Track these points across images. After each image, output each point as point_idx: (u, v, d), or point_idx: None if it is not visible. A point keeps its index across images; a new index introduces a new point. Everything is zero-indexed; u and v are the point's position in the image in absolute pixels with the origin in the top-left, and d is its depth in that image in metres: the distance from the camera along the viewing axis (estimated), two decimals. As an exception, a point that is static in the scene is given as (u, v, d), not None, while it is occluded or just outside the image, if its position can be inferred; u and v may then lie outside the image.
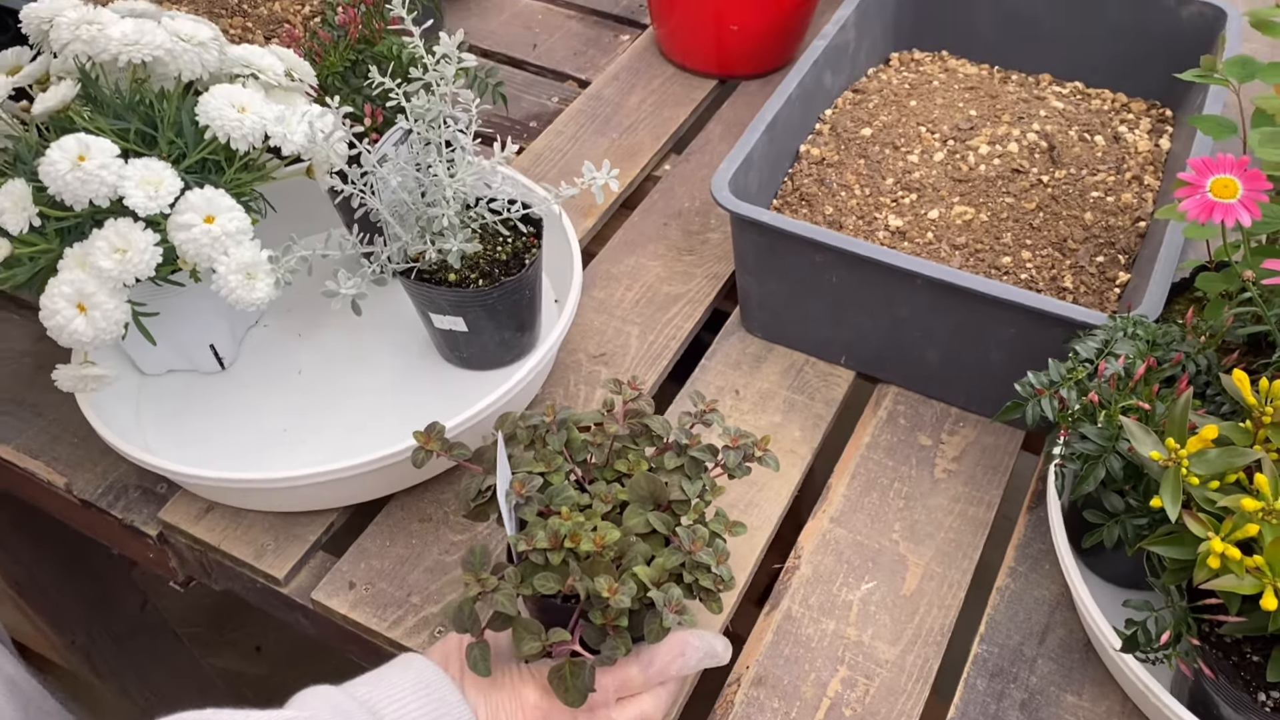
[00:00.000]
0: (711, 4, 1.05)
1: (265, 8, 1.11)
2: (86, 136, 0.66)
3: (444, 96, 0.71)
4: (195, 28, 0.73)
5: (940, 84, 0.98)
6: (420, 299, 0.77)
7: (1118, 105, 0.99)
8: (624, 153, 1.03)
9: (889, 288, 0.75)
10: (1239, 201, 0.57)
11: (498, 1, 1.24)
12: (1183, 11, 0.96)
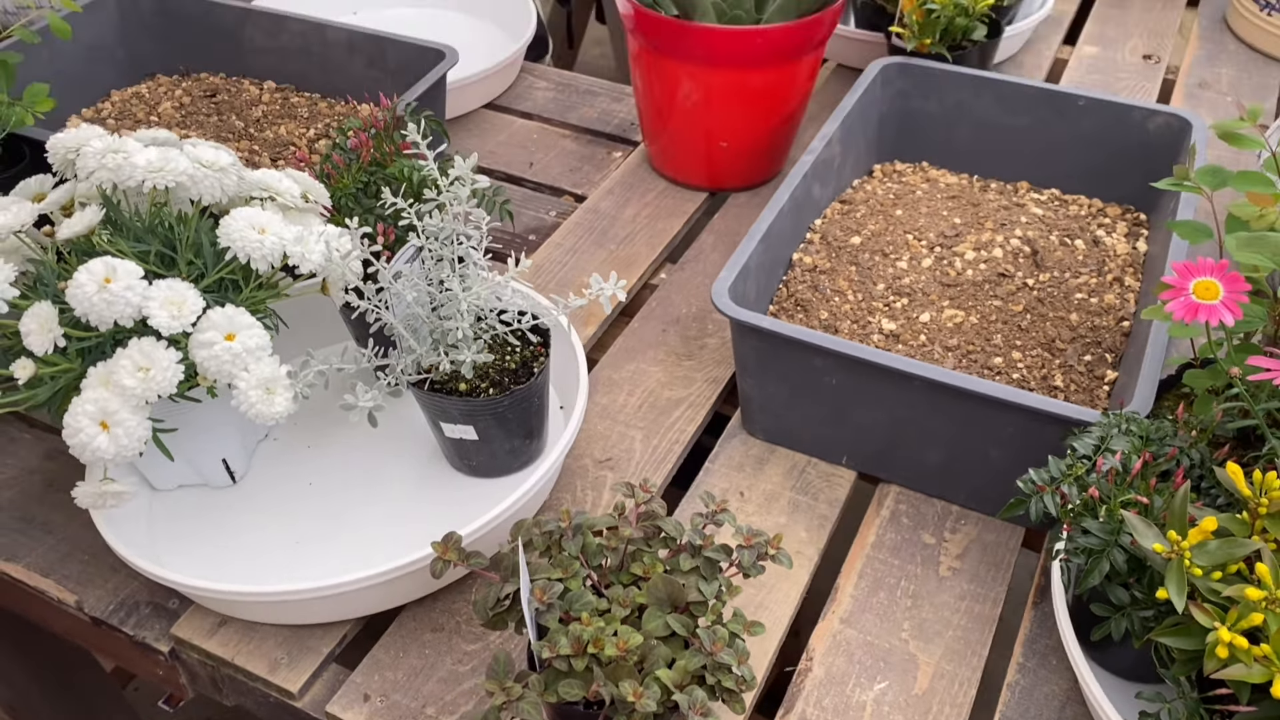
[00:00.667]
0: (702, 122, 1.10)
1: (271, 131, 1.15)
2: (113, 259, 0.68)
3: (456, 215, 0.74)
4: (215, 154, 0.76)
5: (924, 193, 1.03)
6: (432, 409, 0.79)
7: (1094, 210, 1.03)
8: (622, 263, 1.07)
9: (887, 389, 0.77)
10: (1221, 302, 0.60)
11: (495, 123, 1.29)
12: (1150, 123, 1.01)
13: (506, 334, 0.79)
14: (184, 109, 1.18)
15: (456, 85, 1.21)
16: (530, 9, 1.38)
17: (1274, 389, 0.62)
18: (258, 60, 1.23)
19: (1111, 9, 1.50)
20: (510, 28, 1.41)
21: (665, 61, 1.07)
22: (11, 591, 0.81)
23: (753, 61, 1.05)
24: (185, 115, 1.17)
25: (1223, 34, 1.44)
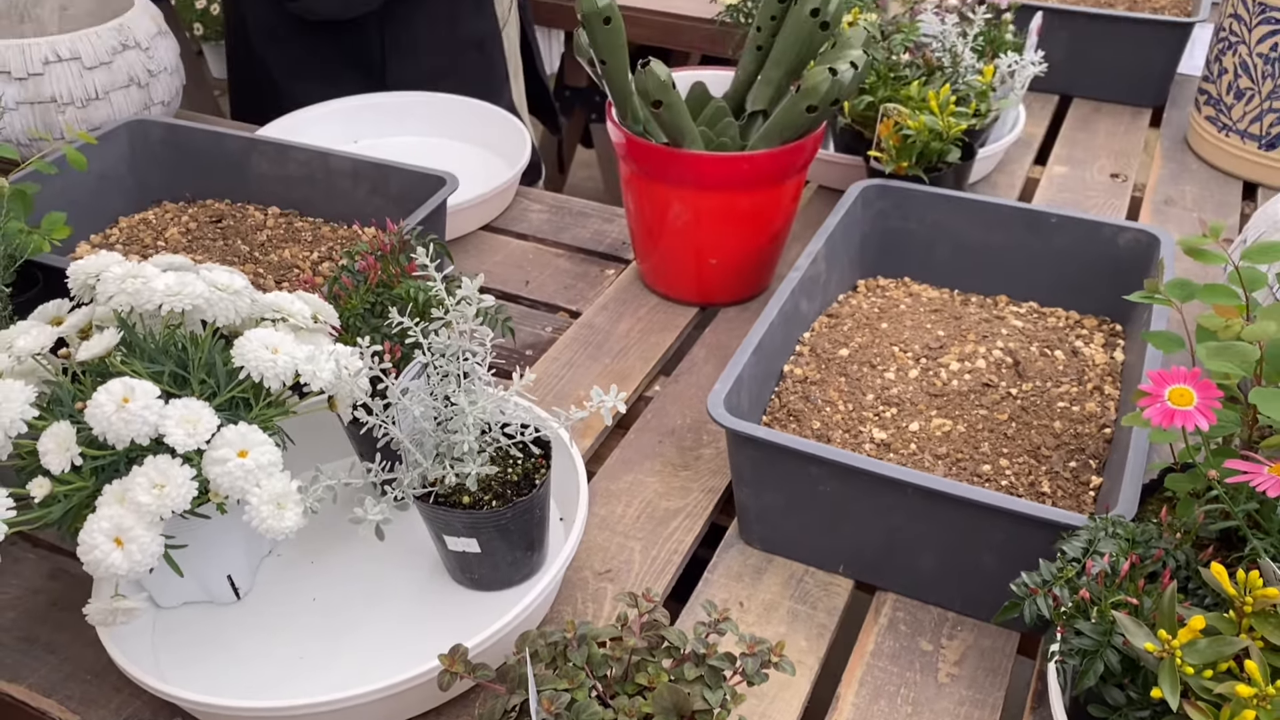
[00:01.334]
0: (692, 241, 1.15)
1: (275, 255, 1.19)
2: (131, 380, 0.70)
3: (462, 332, 0.77)
4: (230, 278, 0.79)
5: (907, 307, 1.07)
6: (436, 522, 0.81)
7: (1072, 322, 1.07)
8: (617, 376, 1.09)
9: (881, 497, 0.79)
10: (1195, 408, 0.63)
11: (492, 243, 1.33)
12: (1120, 239, 1.06)
13: (510, 446, 0.82)
14: (190, 234, 1.22)
15: (455, 209, 1.26)
16: (525, 137, 1.44)
17: (1252, 491, 0.65)
18: (263, 187, 1.28)
19: (1078, 131, 1.57)
20: (506, 155, 1.47)
21: (656, 185, 1.12)
22: (14, 713, 0.81)
23: (740, 185, 1.10)
24: (192, 240, 1.21)
25: (1184, 153, 1.51)
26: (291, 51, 1.64)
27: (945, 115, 1.18)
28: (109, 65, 1.37)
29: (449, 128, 1.53)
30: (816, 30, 1.13)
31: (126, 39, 1.39)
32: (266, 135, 1.36)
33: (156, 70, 1.43)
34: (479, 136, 1.52)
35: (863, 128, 1.31)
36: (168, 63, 1.46)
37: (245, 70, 1.71)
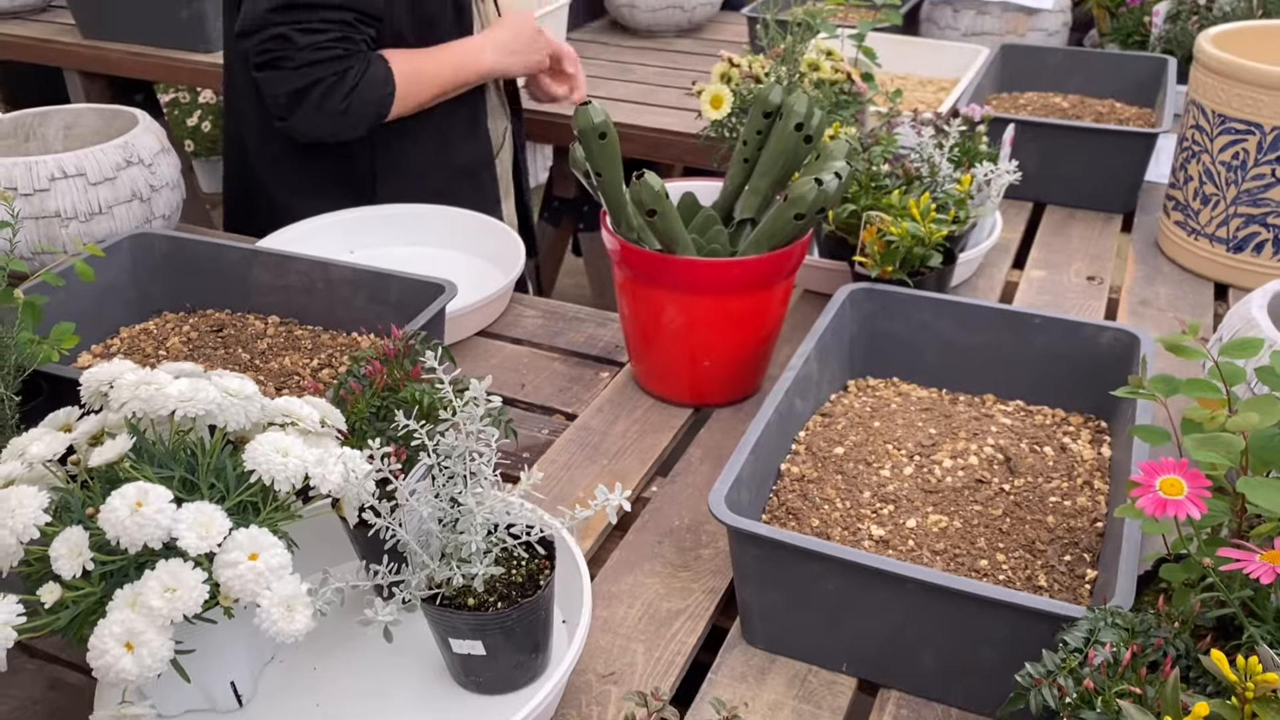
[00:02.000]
0: (685, 344, 1.18)
1: (276, 363, 1.21)
2: (145, 484, 0.71)
3: (469, 433, 0.79)
4: (241, 384, 0.81)
5: (898, 406, 1.09)
6: (441, 625, 0.81)
7: (1058, 420, 1.10)
8: (614, 477, 1.11)
9: (883, 593, 0.80)
10: (1186, 498, 0.65)
11: (488, 349, 1.36)
12: (1101, 338, 1.10)
13: (515, 547, 0.83)
14: (191, 343, 1.24)
15: (453, 315, 1.29)
16: (519, 246, 1.48)
17: (1246, 578, 0.67)
18: (263, 297, 1.30)
19: (1054, 236, 1.63)
20: (500, 263, 1.50)
21: (651, 290, 1.16)
22: (7, 828, 0.80)
23: (732, 289, 1.13)
24: (193, 349, 1.23)
25: (1157, 256, 1.57)
26: (286, 170, 1.69)
27: (927, 222, 1.23)
28: (113, 181, 1.41)
29: (443, 238, 1.57)
30: (801, 143, 1.18)
31: (131, 155, 1.43)
32: (267, 246, 1.39)
33: (159, 185, 1.47)
34: (473, 246, 1.56)
35: (846, 234, 1.36)
36: (169, 178, 1.50)
37: (242, 186, 1.75)
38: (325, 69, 1.49)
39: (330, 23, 1.48)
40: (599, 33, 2.67)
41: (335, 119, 1.53)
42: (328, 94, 1.50)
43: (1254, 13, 1.95)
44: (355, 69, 1.51)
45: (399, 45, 1.59)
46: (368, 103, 1.53)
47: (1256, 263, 1.44)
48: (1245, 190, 1.41)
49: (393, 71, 1.55)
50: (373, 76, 1.53)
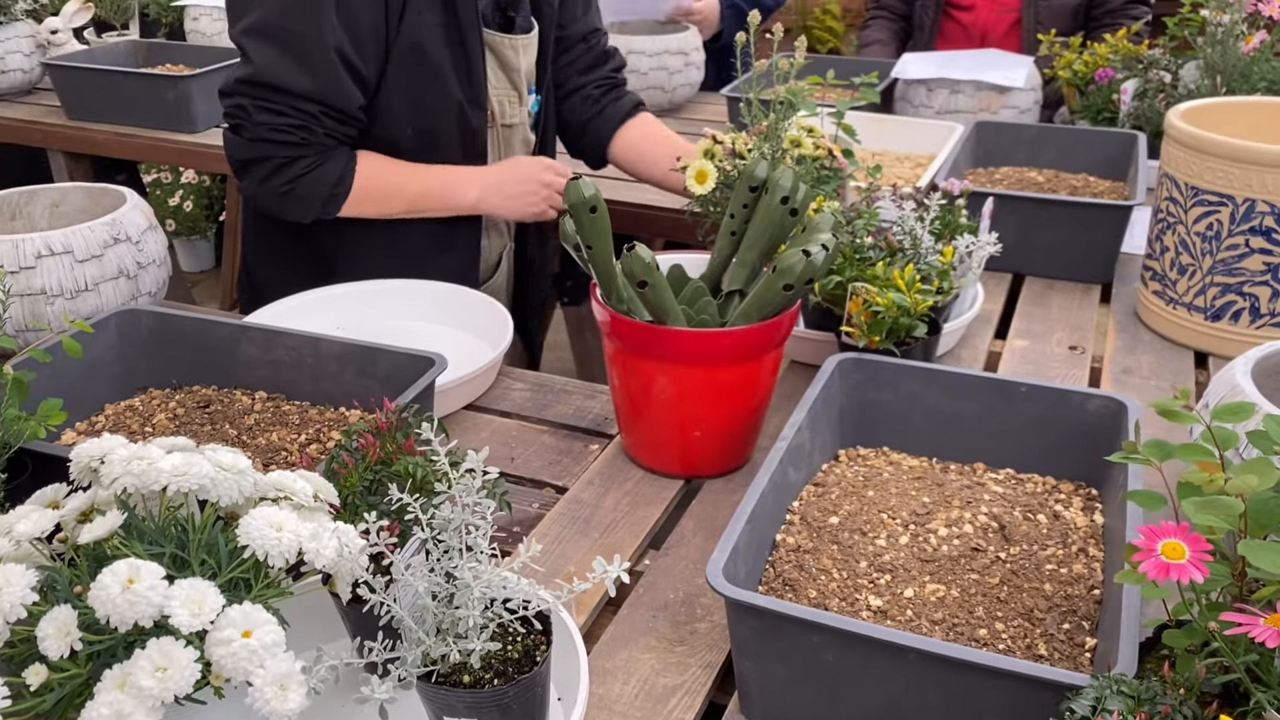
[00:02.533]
0: (676, 415, 1.18)
1: (263, 438, 1.20)
2: (136, 561, 0.70)
3: (466, 506, 0.78)
4: (234, 458, 0.80)
5: (890, 475, 1.09)
6: (436, 703, 0.79)
7: (1049, 487, 1.10)
8: (606, 550, 1.10)
9: (884, 664, 0.79)
10: (1189, 562, 0.65)
11: (476, 422, 1.35)
12: (1089, 406, 1.10)
13: (512, 622, 0.81)
14: (178, 419, 1.23)
15: (440, 389, 1.29)
16: (506, 319, 1.48)
17: (1250, 643, 0.67)
18: (250, 372, 1.30)
19: (1034, 306, 1.65)
20: (487, 336, 1.50)
21: (641, 361, 1.16)
22: None
23: (722, 359, 1.14)
24: (179, 425, 1.22)
25: (1137, 326, 1.59)
26: (262, 239, 1.70)
27: (912, 293, 1.24)
28: (100, 258, 1.41)
29: (430, 312, 1.58)
30: (786, 216, 1.20)
31: (118, 233, 1.44)
32: (255, 322, 1.39)
33: (145, 262, 1.47)
34: (460, 320, 1.56)
35: (832, 305, 1.37)
36: (156, 255, 1.50)
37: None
38: (276, 149, 1.49)
39: (294, 110, 1.47)
40: (581, 112, 2.72)
41: (277, 199, 1.53)
42: (274, 173, 1.50)
43: (1218, 90, 2.01)
44: (308, 159, 1.50)
45: (393, 152, 1.58)
46: (313, 195, 1.52)
47: (1235, 331, 1.46)
48: (1220, 260, 1.44)
49: (353, 173, 1.53)
50: (324, 172, 1.52)
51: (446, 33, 1.52)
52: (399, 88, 1.53)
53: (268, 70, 1.45)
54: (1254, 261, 1.42)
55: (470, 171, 1.62)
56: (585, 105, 1.85)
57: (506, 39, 1.63)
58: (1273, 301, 1.43)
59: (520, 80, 1.68)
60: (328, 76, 1.46)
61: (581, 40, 1.83)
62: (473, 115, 1.59)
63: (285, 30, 1.44)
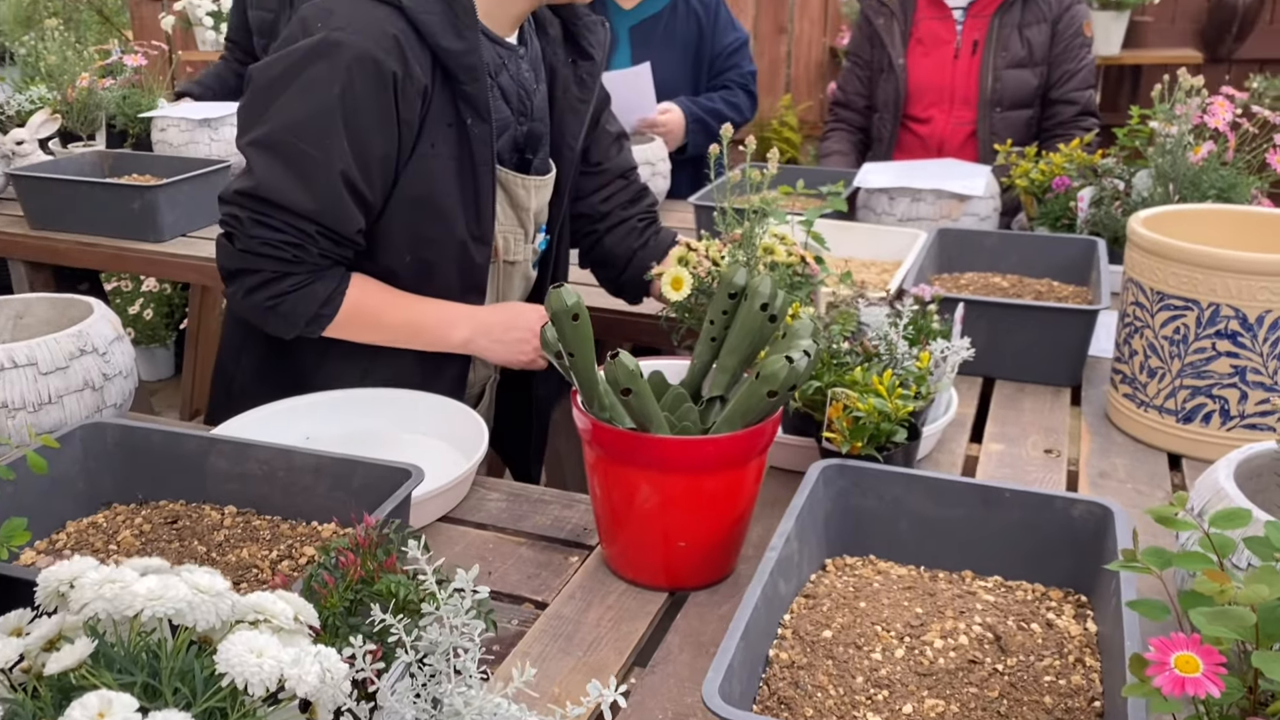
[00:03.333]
0: (659, 525, 1.16)
1: (234, 555, 1.16)
2: (108, 693, 0.66)
3: (453, 627, 0.75)
4: (211, 579, 0.77)
5: (880, 585, 1.08)
6: (422, 839, 0.75)
7: (1039, 595, 1.09)
8: (591, 670, 1.06)
9: (890, 786, 0.77)
10: (1204, 675, 0.64)
11: (451, 535, 1.32)
12: (1073, 511, 1.10)
13: (502, 750, 0.78)
14: (144, 536, 1.19)
15: (415, 501, 1.26)
16: (482, 428, 1.46)
17: (1268, 758, 0.65)
18: (219, 487, 1.26)
19: (1007, 410, 1.66)
20: (461, 445, 1.48)
21: (624, 469, 1.14)
22: None
23: (706, 467, 1.12)
24: (145, 543, 1.18)
25: (1109, 428, 1.60)
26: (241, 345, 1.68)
27: (893, 398, 1.24)
28: (65, 370, 1.38)
29: (401, 421, 1.55)
30: (766, 322, 1.20)
31: (85, 344, 1.41)
32: (225, 435, 1.36)
33: (112, 374, 1.44)
34: (432, 427, 1.53)
35: (811, 410, 1.37)
36: (123, 366, 1.47)
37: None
38: (266, 264, 1.47)
39: (290, 227, 1.45)
40: (548, 220, 2.75)
41: (261, 312, 1.50)
42: (260, 286, 1.48)
43: (1170, 197, 2.07)
44: (298, 276, 1.48)
45: (389, 278, 1.56)
46: (297, 313, 1.50)
47: (1206, 433, 1.48)
48: (1189, 363, 1.46)
49: (343, 295, 1.51)
50: (313, 291, 1.49)
51: (459, 167, 1.51)
52: (402, 217, 1.52)
53: (269, 185, 1.43)
54: (1221, 364, 1.44)
55: (463, 310, 1.59)
56: (631, 236, 1.85)
57: (520, 179, 1.62)
58: (1242, 404, 1.45)
59: (529, 219, 1.67)
60: (330, 198, 1.44)
61: (621, 176, 1.85)
62: (476, 251, 1.57)
63: (293, 147, 1.42)
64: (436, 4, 1.44)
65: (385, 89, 1.42)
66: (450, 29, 1.44)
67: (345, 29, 1.41)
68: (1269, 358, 1.42)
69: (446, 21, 1.44)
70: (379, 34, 1.41)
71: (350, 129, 1.42)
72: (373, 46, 1.40)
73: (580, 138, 1.71)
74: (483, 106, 1.49)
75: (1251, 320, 1.41)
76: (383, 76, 1.41)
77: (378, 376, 1.60)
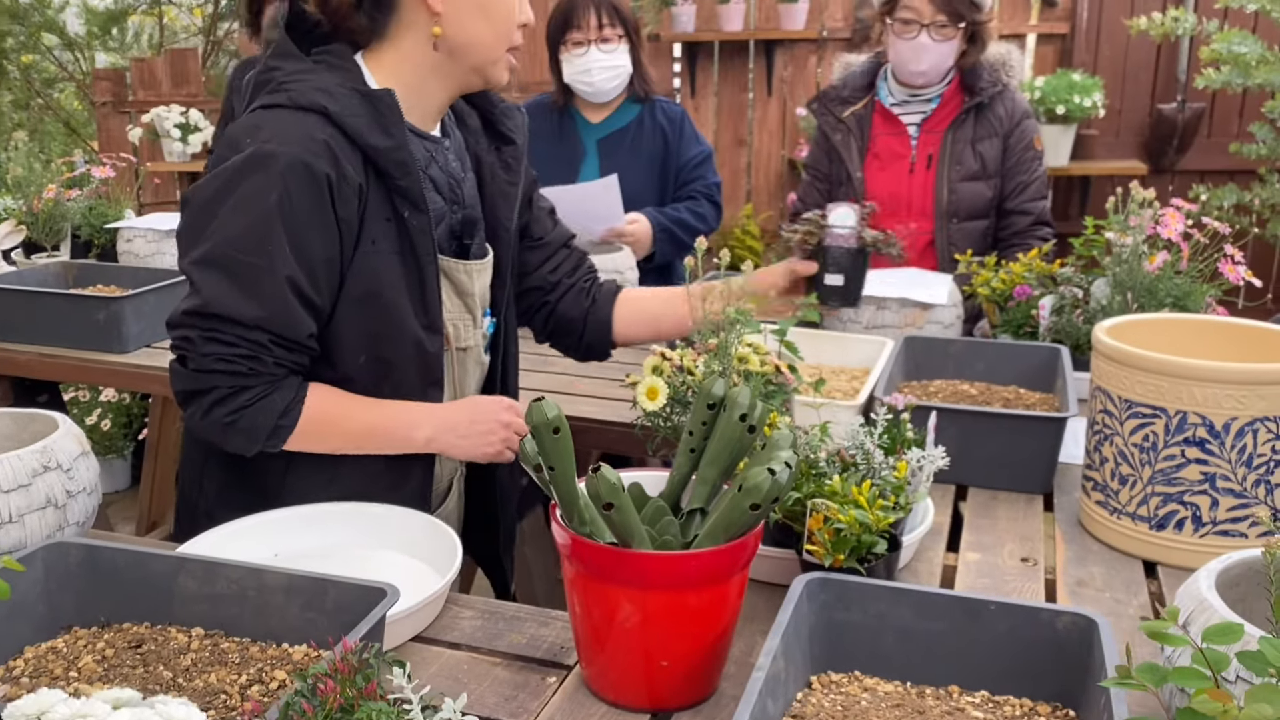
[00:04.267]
0: (641, 643, 1.13)
1: (201, 680, 1.12)
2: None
3: (440, 760, 0.73)
4: (187, 712, 0.74)
5: (869, 703, 1.06)
6: None
7: (1027, 710, 1.07)
8: (574, 798, 1.03)
9: None
10: (1211, 798, 0.63)
11: (424, 655, 1.28)
12: (1058, 623, 1.09)
13: None
14: (107, 661, 1.14)
15: (388, 620, 1.22)
16: (455, 544, 1.44)
17: None
18: (186, 608, 1.22)
19: (982, 518, 1.66)
20: (434, 562, 1.45)
21: (604, 586, 1.12)
22: None
23: (689, 583, 1.11)
24: (108, 669, 1.13)
25: (1082, 535, 1.61)
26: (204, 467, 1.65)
27: (874, 509, 1.24)
28: (28, 488, 1.34)
29: (371, 537, 1.52)
30: (745, 433, 1.20)
31: (49, 461, 1.38)
32: (194, 554, 1.32)
33: (75, 491, 1.41)
34: (402, 542, 1.51)
35: (791, 522, 1.36)
36: (87, 483, 1.44)
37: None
38: (222, 379, 1.46)
39: (242, 340, 1.45)
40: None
41: (221, 430, 1.49)
42: (218, 403, 1.47)
43: (1129, 305, 2.12)
44: (256, 389, 1.47)
45: (346, 382, 1.56)
46: (257, 426, 1.48)
47: (1180, 540, 1.49)
48: (1159, 470, 1.48)
49: (301, 405, 1.51)
50: (270, 403, 1.48)
51: (402, 260, 1.53)
52: (353, 316, 1.53)
53: (216, 301, 1.43)
54: (1191, 471, 1.46)
55: (424, 409, 1.59)
56: (581, 298, 1.92)
57: (461, 265, 1.65)
58: (1213, 510, 1.46)
59: (475, 304, 1.70)
60: (278, 305, 1.44)
61: (564, 246, 1.93)
62: (429, 341, 1.58)
63: (236, 260, 1.43)
64: (361, 105, 1.48)
65: (321, 192, 1.44)
66: (377, 128, 1.48)
67: (274, 140, 1.44)
68: (1237, 464, 1.44)
69: (373, 121, 1.48)
70: (308, 140, 1.44)
71: (290, 234, 1.44)
72: (303, 153, 1.43)
73: (514, 219, 1.77)
74: (418, 198, 1.52)
75: (1218, 427, 1.43)
76: (317, 180, 1.44)
77: (344, 483, 1.58)
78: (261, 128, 1.46)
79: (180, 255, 1.50)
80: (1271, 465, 1.44)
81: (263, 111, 1.48)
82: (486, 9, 1.53)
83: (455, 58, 1.56)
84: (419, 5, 1.52)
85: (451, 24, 1.52)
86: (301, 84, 1.48)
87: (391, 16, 1.54)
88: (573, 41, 2.91)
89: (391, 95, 1.50)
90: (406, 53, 1.55)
